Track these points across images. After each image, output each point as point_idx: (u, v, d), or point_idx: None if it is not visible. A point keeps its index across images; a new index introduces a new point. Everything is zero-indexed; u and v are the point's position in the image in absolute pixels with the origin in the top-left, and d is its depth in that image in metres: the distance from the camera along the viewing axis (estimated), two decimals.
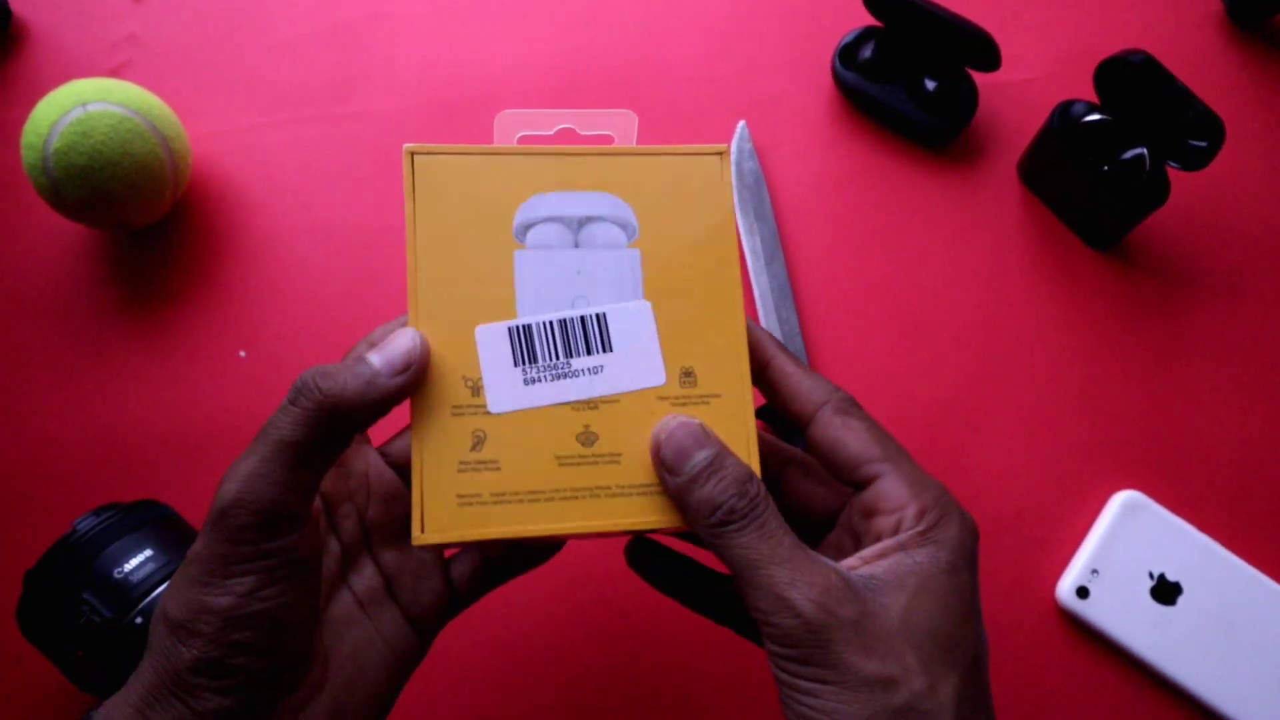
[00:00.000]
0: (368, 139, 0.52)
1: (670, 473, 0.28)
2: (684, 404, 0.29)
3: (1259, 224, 0.51)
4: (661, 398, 0.29)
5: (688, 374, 0.29)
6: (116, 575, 0.39)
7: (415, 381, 0.28)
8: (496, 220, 0.30)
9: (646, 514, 0.29)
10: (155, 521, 0.41)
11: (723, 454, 0.27)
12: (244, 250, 0.51)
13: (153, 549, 0.40)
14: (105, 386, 0.49)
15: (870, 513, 0.29)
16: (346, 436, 0.28)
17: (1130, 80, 0.45)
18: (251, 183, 0.52)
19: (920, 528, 0.27)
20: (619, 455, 0.29)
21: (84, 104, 0.45)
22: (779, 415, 0.46)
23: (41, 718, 0.44)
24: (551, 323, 0.29)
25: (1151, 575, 0.45)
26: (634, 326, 0.29)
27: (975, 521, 0.29)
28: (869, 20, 0.53)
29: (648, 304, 0.30)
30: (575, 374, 0.29)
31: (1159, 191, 0.47)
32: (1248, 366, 0.49)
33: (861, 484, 0.29)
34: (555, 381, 0.29)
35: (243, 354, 0.49)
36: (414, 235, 0.29)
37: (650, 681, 0.44)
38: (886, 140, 0.52)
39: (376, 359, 0.27)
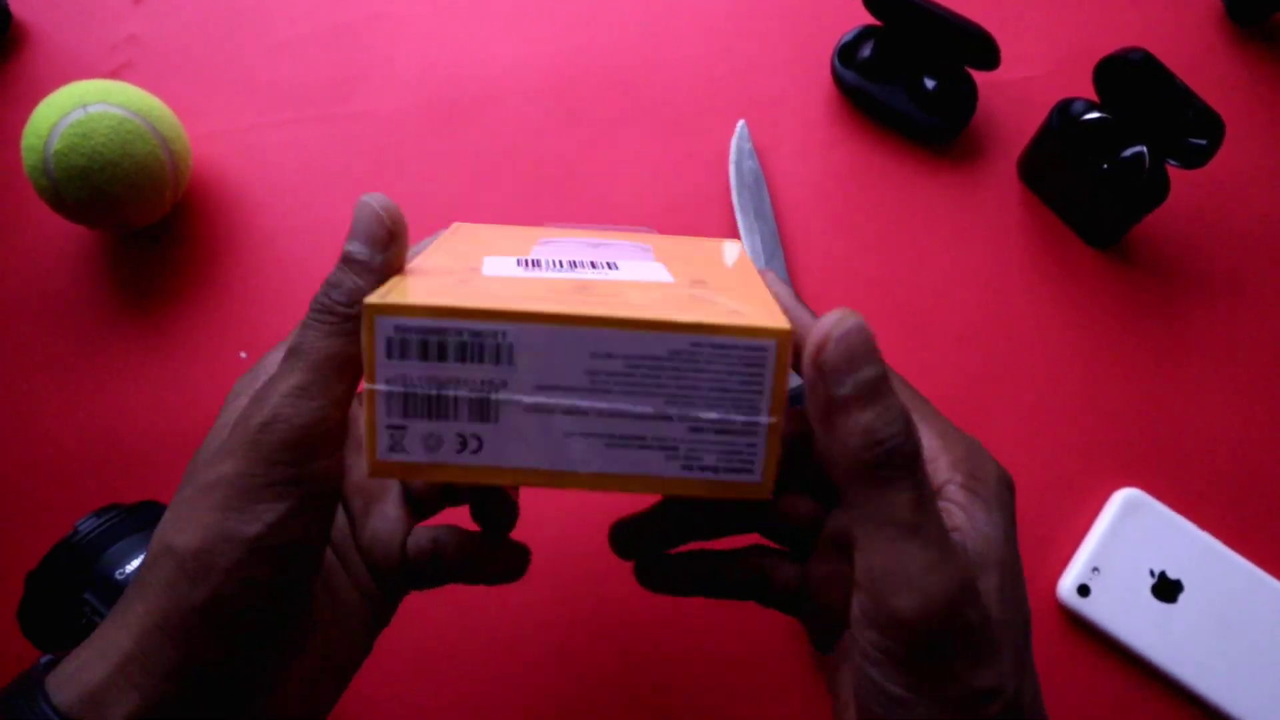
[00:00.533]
0: (368, 139, 0.52)
1: (828, 380, 0.21)
2: (693, 298, 0.25)
3: (1259, 221, 0.51)
4: (667, 290, 0.25)
5: (698, 281, 0.26)
6: (118, 576, 0.39)
7: (405, 246, 0.25)
8: (518, 245, 0.30)
9: (647, 312, 0.23)
10: (156, 522, 0.41)
11: (891, 376, 0.22)
12: (244, 251, 0.51)
13: None
14: (106, 387, 0.49)
15: None
16: None
17: (1130, 79, 0.45)
18: (251, 183, 0.52)
19: (958, 479, 0.24)
20: (617, 296, 0.24)
21: (84, 105, 0.45)
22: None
23: None
24: (560, 259, 0.28)
25: (1152, 573, 0.45)
26: (644, 267, 0.28)
27: (1008, 472, 0.26)
28: (868, 19, 0.53)
29: (661, 264, 0.28)
30: (579, 272, 0.26)
31: (1159, 190, 0.47)
32: (1248, 364, 0.49)
33: None
34: (557, 270, 0.26)
35: (243, 354, 0.49)
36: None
37: (651, 683, 0.44)
38: (886, 139, 0.52)
39: (355, 246, 0.24)
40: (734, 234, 0.50)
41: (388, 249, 0.24)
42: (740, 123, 0.52)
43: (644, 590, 0.45)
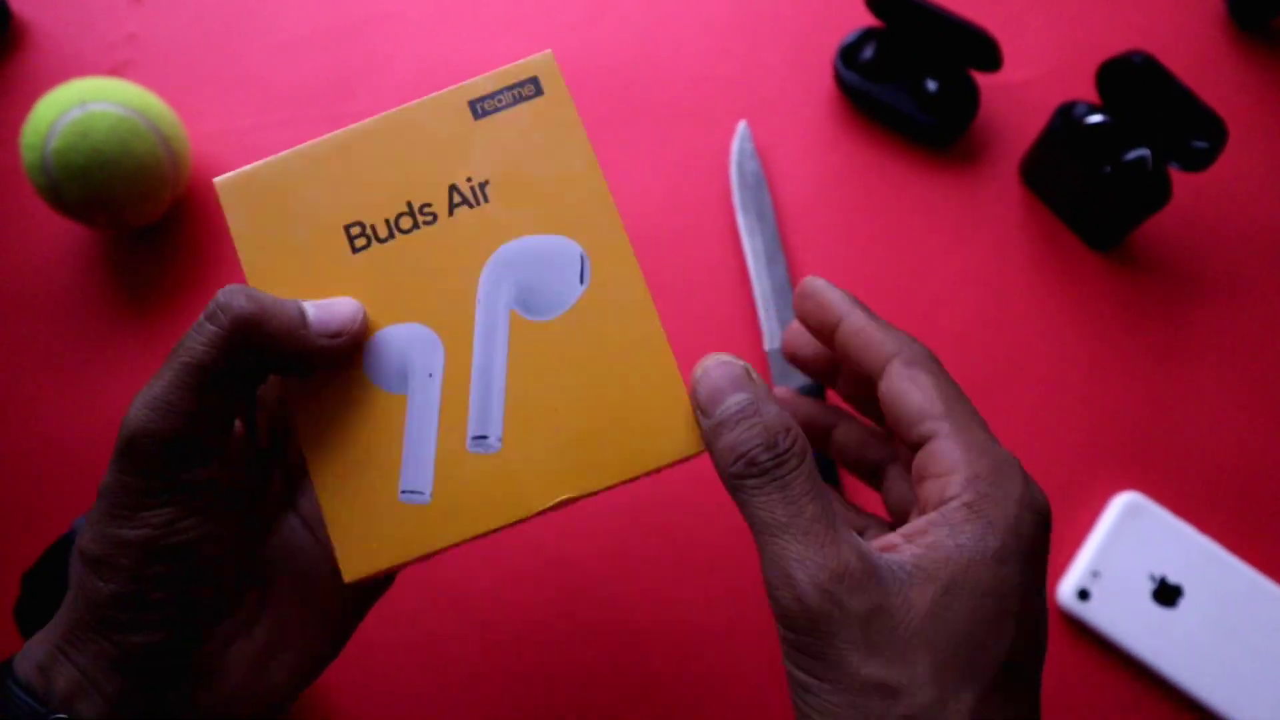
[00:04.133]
0: None
1: (702, 414, 0.26)
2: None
3: (1261, 225, 0.51)
4: None
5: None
6: None
7: (344, 351, 0.27)
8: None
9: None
10: None
11: (761, 401, 0.25)
12: None
13: None
14: (105, 387, 0.49)
15: (921, 477, 0.26)
16: (261, 369, 0.26)
17: (1132, 81, 0.45)
18: None
19: (965, 497, 0.24)
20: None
21: (83, 103, 0.45)
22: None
23: None
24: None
25: (1153, 577, 0.45)
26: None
27: (1046, 500, 0.25)
28: (870, 20, 0.53)
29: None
30: None
31: (1161, 193, 0.47)
32: (1250, 367, 0.49)
33: (918, 444, 0.26)
34: None
35: None
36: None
37: (649, 682, 0.44)
38: (888, 141, 0.52)
39: (311, 309, 0.26)
40: (735, 235, 0.50)
41: (320, 337, 0.26)
42: (742, 123, 0.52)
43: (637, 591, 0.44)
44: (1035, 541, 0.25)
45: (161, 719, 0.26)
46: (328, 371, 0.27)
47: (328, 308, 0.26)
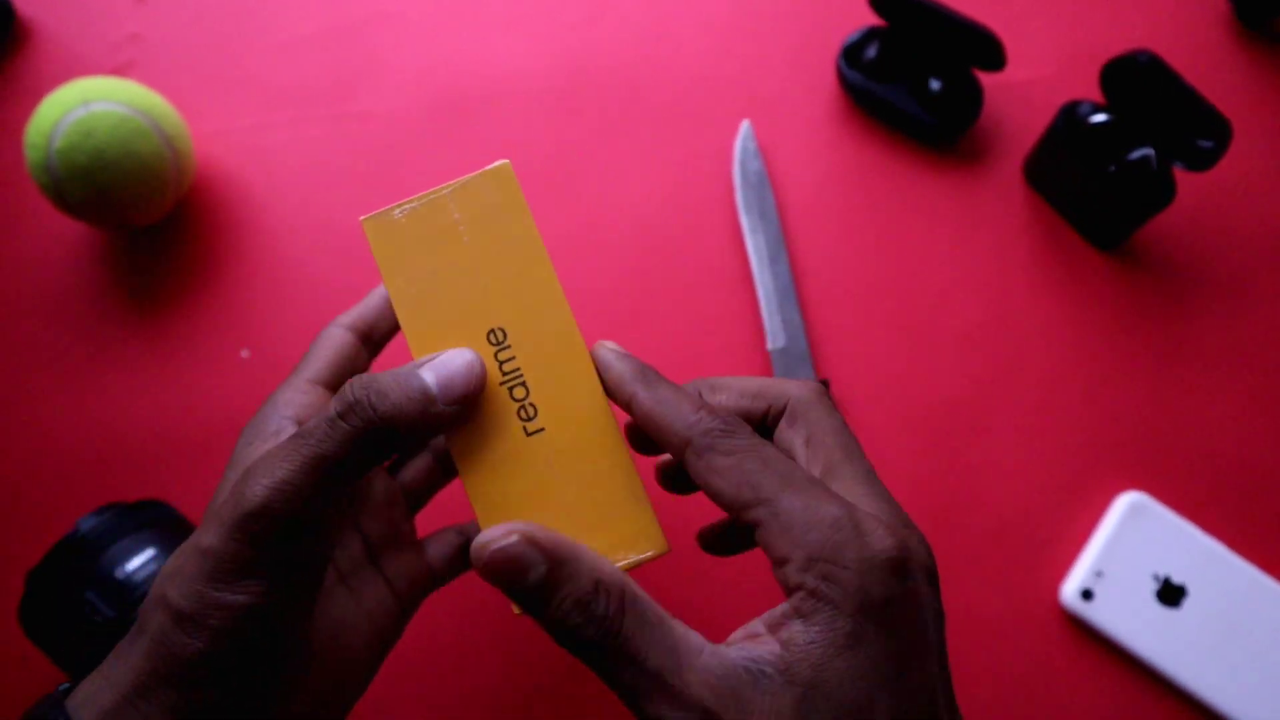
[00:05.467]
0: (370, 138, 0.52)
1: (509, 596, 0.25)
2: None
3: (1266, 224, 0.51)
4: None
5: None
6: (119, 575, 0.39)
7: (464, 411, 0.27)
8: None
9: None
10: (158, 521, 0.41)
11: (554, 568, 0.24)
12: (247, 250, 0.50)
13: (156, 549, 0.40)
14: (108, 386, 0.49)
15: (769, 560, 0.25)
16: (388, 455, 0.26)
17: (1136, 80, 0.45)
18: (255, 182, 0.52)
19: (808, 585, 0.23)
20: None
21: (87, 103, 0.45)
22: None
23: None
24: None
25: (1156, 577, 0.45)
26: None
27: (899, 540, 0.23)
28: (873, 20, 0.53)
29: None
30: None
31: (1165, 192, 0.46)
32: (1254, 367, 0.48)
33: (751, 528, 0.25)
34: None
35: (245, 353, 0.49)
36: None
37: None
38: (891, 140, 0.52)
39: (431, 378, 0.26)
40: (738, 234, 0.50)
41: (450, 405, 0.26)
42: (744, 123, 0.51)
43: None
44: (898, 600, 0.23)
45: None
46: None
47: (445, 369, 0.27)
